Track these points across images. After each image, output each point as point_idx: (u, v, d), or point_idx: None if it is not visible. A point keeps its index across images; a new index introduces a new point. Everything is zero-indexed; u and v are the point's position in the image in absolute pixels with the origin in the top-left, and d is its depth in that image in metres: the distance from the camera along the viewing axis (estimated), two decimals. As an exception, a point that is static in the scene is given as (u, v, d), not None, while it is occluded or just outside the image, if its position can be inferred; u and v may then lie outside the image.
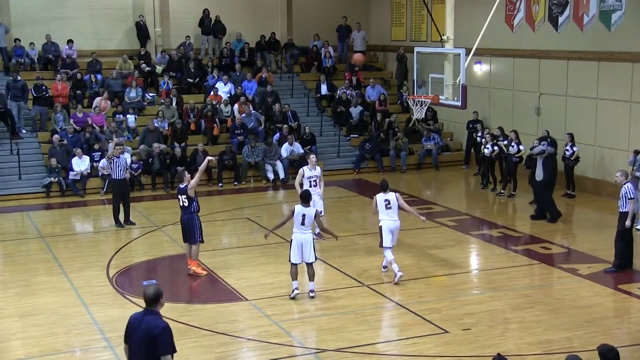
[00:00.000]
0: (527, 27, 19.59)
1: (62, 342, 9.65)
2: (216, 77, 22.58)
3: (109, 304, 11.03)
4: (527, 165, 16.73)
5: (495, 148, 18.01)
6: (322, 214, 13.78)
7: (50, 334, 9.79)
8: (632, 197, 11.81)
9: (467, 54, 13.63)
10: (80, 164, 18.53)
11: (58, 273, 12.51)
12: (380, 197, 11.81)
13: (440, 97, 14.00)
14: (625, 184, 11.89)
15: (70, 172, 18.49)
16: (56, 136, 19.00)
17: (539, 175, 15.51)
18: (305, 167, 13.93)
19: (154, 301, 6.31)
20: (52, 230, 15.63)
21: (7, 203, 17.83)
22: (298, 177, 13.89)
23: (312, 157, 13.92)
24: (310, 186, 13.56)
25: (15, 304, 10.99)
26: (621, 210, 11.98)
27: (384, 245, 11.77)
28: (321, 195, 13.87)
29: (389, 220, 11.77)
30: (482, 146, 18.59)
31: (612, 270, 12.07)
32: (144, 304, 6.04)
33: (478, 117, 20.47)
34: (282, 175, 19.81)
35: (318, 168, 13.93)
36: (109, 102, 20.86)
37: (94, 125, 19.92)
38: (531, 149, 16.54)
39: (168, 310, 10.62)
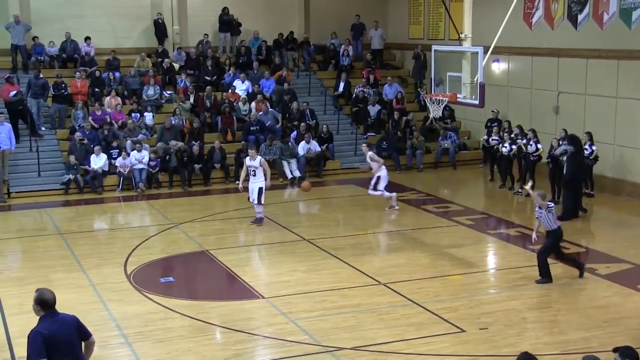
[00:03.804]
0: (545, 25, 19.45)
1: (79, 338, 9.69)
2: (233, 75, 22.64)
3: (126, 301, 11.07)
4: (552, 164, 16.56)
5: (514, 147, 17.92)
6: (254, 201, 15.05)
7: (68, 330, 9.83)
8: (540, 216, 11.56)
9: (485, 52, 13.55)
10: (98, 161, 18.65)
11: (76, 270, 12.59)
12: None
13: (458, 95, 13.94)
14: (549, 202, 11.68)
15: (90, 165, 18.63)
16: (77, 134, 19.11)
17: (565, 173, 15.49)
18: (247, 158, 15.34)
19: (55, 303, 6.51)
20: (70, 227, 15.73)
21: (26, 200, 17.98)
22: (244, 168, 15.38)
23: (251, 151, 15.33)
24: (249, 174, 15.14)
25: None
26: (552, 229, 11.55)
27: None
28: (261, 184, 14.97)
29: None
30: (500, 145, 18.51)
31: (543, 281, 11.59)
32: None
33: (498, 115, 20.37)
34: (297, 173, 19.83)
35: (258, 158, 15.10)
36: (119, 98, 20.97)
37: (113, 122, 20.03)
38: (550, 150, 16.45)
39: (185, 308, 10.70)
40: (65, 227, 15.62)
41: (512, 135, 18.29)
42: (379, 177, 16.21)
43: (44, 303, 6.38)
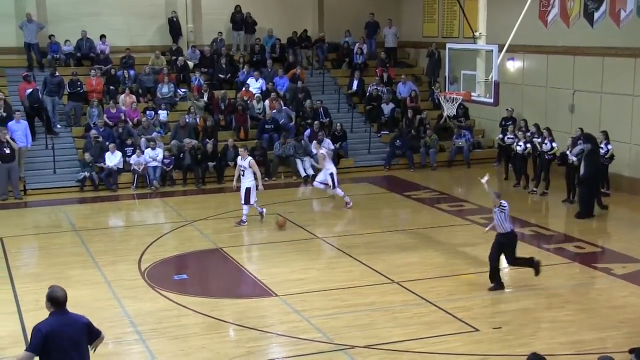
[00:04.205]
0: (561, 23, 19.33)
1: (94, 335, 9.75)
2: (247, 73, 22.67)
3: (140, 298, 11.13)
4: (560, 162, 16.59)
5: (529, 145, 17.84)
6: (241, 202, 14.94)
7: (83, 326, 9.88)
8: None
9: (500, 50, 13.49)
10: (112, 158, 18.73)
11: (91, 266, 12.66)
12: None
13: (472, 94, 13.89)
14: (502, 202, 11.01)
15: (105, 162, 18.71)
16: (93, 132, 19.22)
17: (582, 172, 15.43)
18: (238, 157, 15.25)
19: (66, 301, 6.47)
20: (86, 224, 15.81)
21: (42, 197, 18.11)
22: (237, 167, 15.29)
23: (241, 150, 15.29)
24: (239, 174, 15.04)
25: (49, 296, 11.13)
26: (506, 231, 11.05)
27: None
28: (249, 184, 14.82)
29: None
30: (515, 144, 18.44)
31: (495, 287, 11.17)
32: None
33: (512, 114, 20.29)
34: (310, 171, 19.84)
35: (247, 159, 14.86)
36: (134, 96, 21.05)
37: (127, 120, 20.11)
38: (566, 150, 16.36)
39: (198, 305, 10.73)
40: (80, 224, 15.70)
41: (528, 134, 18.20)
42: (329, 173, 16.59)
43: (54, 300, 6.42)
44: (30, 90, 19.75)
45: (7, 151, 17.51)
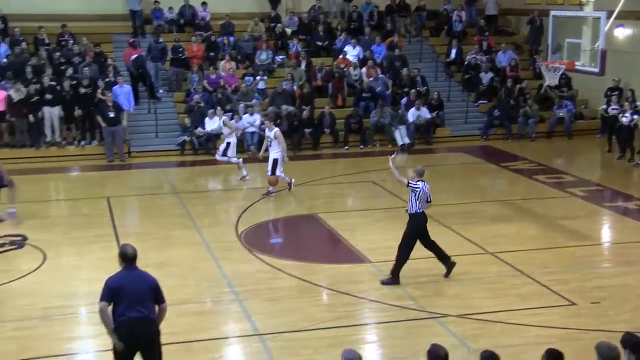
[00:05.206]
0: (678, -14, 18.26)
1: (193, 293, 10.15)
2: (344, 41, 22.63)
3: (237, 259, 11.45)
4: None
5: (635, 117, 17.09)
6: (268, 173, 14.76)
7: (182, 285, 10.29)
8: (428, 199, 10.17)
9: (609, 17, 12.94)
10: (212, 123, 19.18)
11: (190, 227, 13.10)
12: None
13: (576, 63, 13.43)
14: (417, 181, 10.09)
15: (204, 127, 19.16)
16: (196, 97, 19.71)
17: None
18: (265, 129, 15.28)
19: (135, 258, 6.92)
20: (186, 186, 16.34)
21: (145, 159, 18.80)
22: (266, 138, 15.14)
23: (267, 121, 15.31)
24: (267, 145, 14.94)
25: (152, 255, 11.43)
26: (411, 212, 10.20)
27: None
28: (275, 155, 14.64)
29: None
30: (620, 115, 17.70)
31: (389, 281, 10.30)
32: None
33: (619, 84, 19.44)
34: (407, 140, 19.72)
35: (274, 130, 14.76)
36: (233, 62, 21.37)
37: (226, 86, 20.51)
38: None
39: (293, 269, 10.96)
40: (180, 186, 16.24)
41: (639, 106, 17.39)
42: (228, 144, 16.22)
43: (123, 257, 6.94)
44: (136, 55, 20.43)
45: (112, 115, 18.24)
